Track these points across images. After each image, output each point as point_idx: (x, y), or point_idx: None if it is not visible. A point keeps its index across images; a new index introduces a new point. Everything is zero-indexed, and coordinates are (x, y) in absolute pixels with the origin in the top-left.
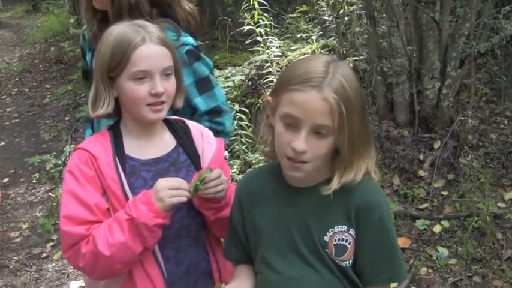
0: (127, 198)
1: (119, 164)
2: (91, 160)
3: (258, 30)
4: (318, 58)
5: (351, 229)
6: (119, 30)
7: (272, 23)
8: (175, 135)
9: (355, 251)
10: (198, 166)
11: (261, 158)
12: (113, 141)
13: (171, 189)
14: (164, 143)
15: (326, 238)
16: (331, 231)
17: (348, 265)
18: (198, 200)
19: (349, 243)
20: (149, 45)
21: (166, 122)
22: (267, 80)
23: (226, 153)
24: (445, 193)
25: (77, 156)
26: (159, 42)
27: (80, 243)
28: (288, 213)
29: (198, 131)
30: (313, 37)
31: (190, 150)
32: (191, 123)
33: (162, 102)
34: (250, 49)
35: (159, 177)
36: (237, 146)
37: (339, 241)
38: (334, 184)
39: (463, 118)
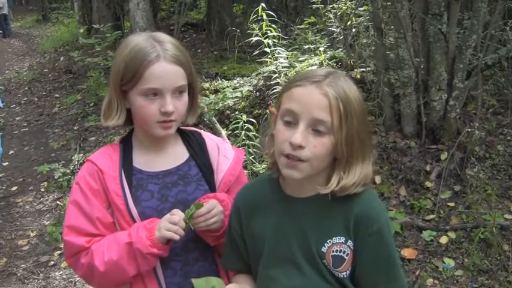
0: (130, 213)
1: (124, 179)
2: (98, 174)
3: (266, 41)
4: (321, 68)
5: (349, 240)
6: (136, 42)
7: (280, 34)
8: (188, 147)
9: (353, 262)
10: (209, 180)
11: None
12: (121, 154)
13: (171, 223)
14: (175, 155)
15: (324, 249)
16: (329, 242)
17: (345, 276)
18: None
19: (346, 255)
20: (162, 64)
21: (181, 133)
22: (274, 91)
23: None
24: (451, 204)
25: (86, 168)
26: (174, 61)
27: (80, 253)
28: (287, 223)
29: (215, 144)
30: (321, 48)
31: (203, 164)
32: (208, 136)
33: (172, 121)
34: (258, 60)
35: (166, 191)
36: (244, 157)
37: (336, 252)
38: (333, 184)
39: (470, 129)
